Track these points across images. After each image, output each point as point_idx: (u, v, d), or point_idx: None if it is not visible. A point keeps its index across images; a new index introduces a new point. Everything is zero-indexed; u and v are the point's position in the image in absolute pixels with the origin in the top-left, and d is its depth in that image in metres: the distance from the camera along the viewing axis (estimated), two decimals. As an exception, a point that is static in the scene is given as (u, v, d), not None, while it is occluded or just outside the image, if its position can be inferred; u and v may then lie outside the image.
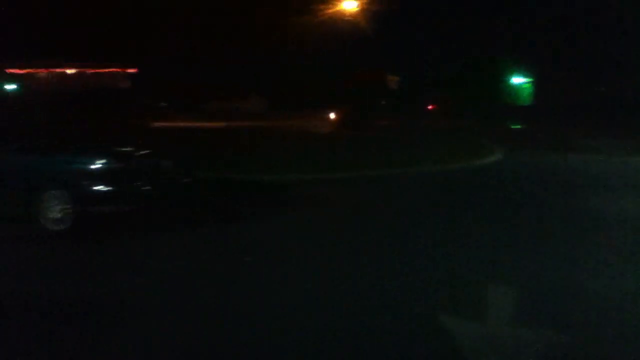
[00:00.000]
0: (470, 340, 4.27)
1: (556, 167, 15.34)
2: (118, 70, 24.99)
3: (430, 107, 53.49)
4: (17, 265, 6.35)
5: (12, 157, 7.93)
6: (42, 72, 27.14)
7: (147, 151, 8.42)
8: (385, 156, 15.68)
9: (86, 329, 4.49)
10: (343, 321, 4.61)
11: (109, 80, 24.86)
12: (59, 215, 7.48)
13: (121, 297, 5.21)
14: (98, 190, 7.59)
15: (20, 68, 26.17)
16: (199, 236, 7.62)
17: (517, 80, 53.62)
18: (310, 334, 4.38)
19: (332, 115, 34.89)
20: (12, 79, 27.16)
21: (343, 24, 21.07)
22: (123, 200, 7.74)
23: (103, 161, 7.69)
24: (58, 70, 26.56)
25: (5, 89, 26.21)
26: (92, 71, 25.87)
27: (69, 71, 26.64)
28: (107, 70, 25.48)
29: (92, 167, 7.68)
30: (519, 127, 35.25)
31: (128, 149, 8.30)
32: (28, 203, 7.53)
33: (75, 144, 8.15)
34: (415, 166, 14.18)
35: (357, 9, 20.88)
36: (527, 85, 53.27)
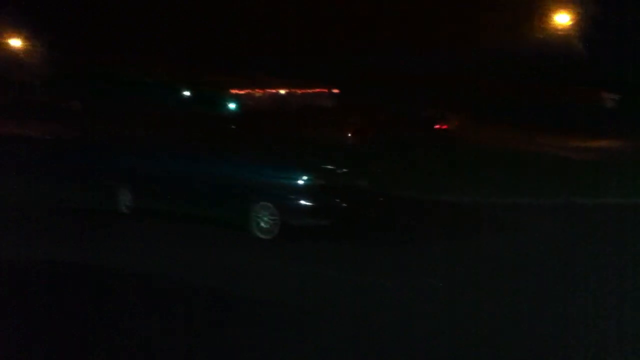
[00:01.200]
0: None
1: None
2: (324, 90, 26.53)
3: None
4: (229, 266, 7.06)
5: (233, 170, 8.92)
6: (258, 92, 29.87)
7: (347, 169, 8.89)
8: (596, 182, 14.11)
9: (274, 329, 4.91)
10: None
11: (317, 100, 26.54)
12: (268, 225, 8.25)
13: (313, 300, 5.60)
14: (302, 204, 8.24)
15: (240, 88, 29.11)
16: (385, 255, 7.73)
17: None
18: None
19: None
20: (234, 98, 30.46)
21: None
22: (324, 214, 8.28)
23: (308, 177, 8.33)
24: (272, 90, 29.02)
25: (230, 107, 29.43)
26: (301, 91, 27.83)
27: (281, 91, 28.96)
28: (314, 90, 27.22)
29: (298, 182, 8.37)
30: None
31: (331, 166, 8.85)
32: (243, 212, 8.43)
33: (285, 160, 8.89)
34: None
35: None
36: None
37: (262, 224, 8.27)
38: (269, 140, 9.38)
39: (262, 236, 8.24)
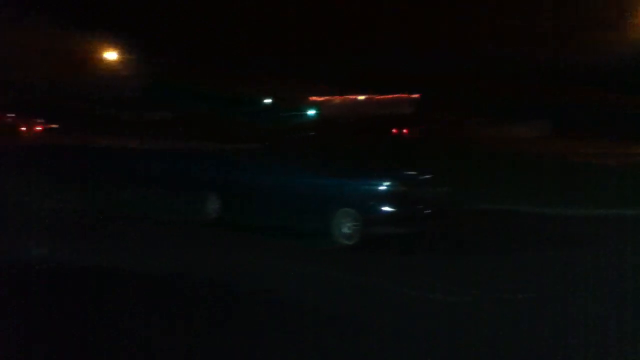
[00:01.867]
0: None
1: None
2: (403, 96, 26.28)
3: None
4: (307, 273, 7.10)
5: (315, 176, 8.99)
6: (337, 99, 30.06)
7: (429, 176, 8.77)
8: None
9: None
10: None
11: (395, 106, 26.35)
12: (349, 232, 8.27)
13: (391, 314, 5.54)
14: (383, 211, 8.22)
15: (319, 96, 29.40)
16: (469, 265, 7.53)
17: None
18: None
19: None
20: (314, 106, 30.85)
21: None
22: (406, 222, 8.21)
23: (390, 184, 8.29)
24: (351, 97, 29.11)
25: (309, 114, 29.83)
26: (380, 97, 27.73)
27: (359, 98, 28.96)
28: (392, 96, 27.03)
29: (380, 189, 8.35)
30: None
31: (413, 172, 8.77)
32: (325, 218, 8.50)
33: (366, 166, 8.88)
34: None
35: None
36: None
37: (345, 230, 8.30)
38: (351, 147, 9.38)
39: (344, 242, 8.27)
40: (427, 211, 8.41)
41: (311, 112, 30.58)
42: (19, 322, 4.99)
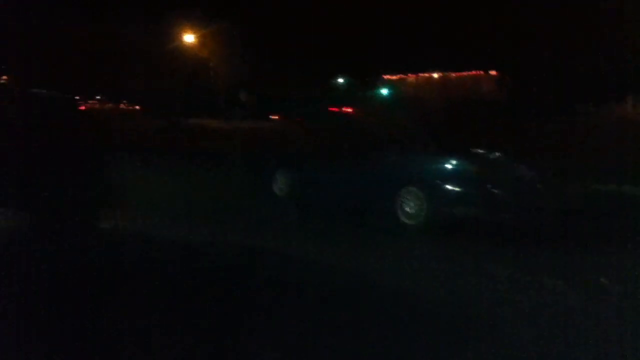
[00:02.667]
0: None
1: None
2: (480, 73, 25.26)
3: None
4: (367, 253, 6.82)
5: (383, 155, 8.65)
6: (411, 77, 29.35)
7: (501, 154, 8.26)
8: None
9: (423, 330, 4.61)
10: None
11: (472, 84, 25.38)
12: (413, 211, 7.93)
13: (460, 301, 5.21)
14: (449, 190, 7.79)
15: (393, 74, 28.81)
16: (548, 250, 6.99)
17: None
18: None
19: None
20: (387, 84, 30.30)
21: None
22: (474, 202, 7.74)
23: (456, 162, 7.86)
24: (425, 74, 28.34)
25: (382, 93, 29.37)
26: (456, 75, 26.81)
27: (435, 75, 28.15)
28: (469, 73, 26.04)
29: (446, 167, 7.93)
30: None
31: (482, 151, 8.29)
32: (390, 197, 8.20)
33: (434, 144, 8.47)
34: None
35: None
36: None
37: (408, 209, 7.98)
38: (416, 123, 9.00)
39: (408, 222, 7.95)
40: (498, 192, 7.89)
41: (385, 90, 30.12)
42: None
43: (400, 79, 32.59)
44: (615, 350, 4.13)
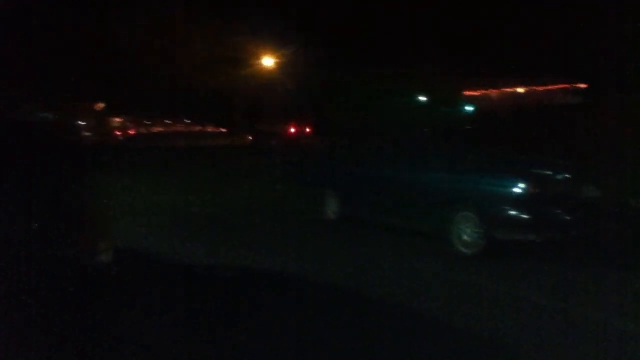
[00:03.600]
0: None
1: None
2: (566, 86, 23.70)
3: None
4: (416, 280, 6.44)
5: (435, 174, 8.12)
6: (494, 92, 28.11)
7: (569, 175, 7.51)
8: None
9: None
10: None
11: (558, 98, 23.87)
12: (469, 239, 7.36)
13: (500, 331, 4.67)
14: (511, 216, 7.16)
15: (474, 90, 27.77)
16: (601, 276, 6.35)
17: None
18: None
19: None
20: (468, 100, 29.27)
21: None
22: (538, 229, 7.07)
23: (518, 185, 7.22)
24: (509, 89, 27.01)
25: (463, 110, 28.40)
26: (541, 88, 25.32)
27: (519, 90, 26.76)
28: (555, 86, 24.52)
29: (507, 190, 7.30)
30: None
31: (547, 172, 7.58)
32: (443, 221, 7.67)
33: (492, 164, 7.81)
34: None
35: None
36: None
37: (465, 237, 7.41)
38: (476, 144, 8.33)
39: (463, 250, 7.38)
40: (566, 217, 7.18)
41: (466, 107, 29.07)
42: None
43: (482, 95, 31.37)
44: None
